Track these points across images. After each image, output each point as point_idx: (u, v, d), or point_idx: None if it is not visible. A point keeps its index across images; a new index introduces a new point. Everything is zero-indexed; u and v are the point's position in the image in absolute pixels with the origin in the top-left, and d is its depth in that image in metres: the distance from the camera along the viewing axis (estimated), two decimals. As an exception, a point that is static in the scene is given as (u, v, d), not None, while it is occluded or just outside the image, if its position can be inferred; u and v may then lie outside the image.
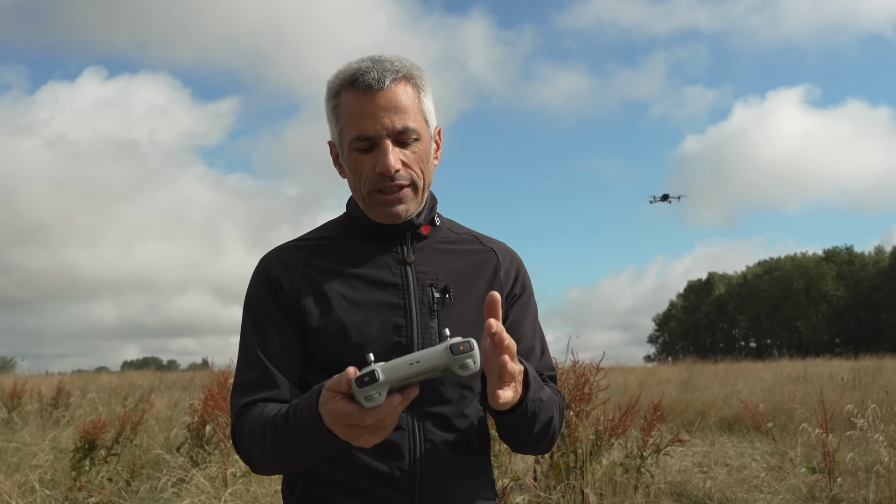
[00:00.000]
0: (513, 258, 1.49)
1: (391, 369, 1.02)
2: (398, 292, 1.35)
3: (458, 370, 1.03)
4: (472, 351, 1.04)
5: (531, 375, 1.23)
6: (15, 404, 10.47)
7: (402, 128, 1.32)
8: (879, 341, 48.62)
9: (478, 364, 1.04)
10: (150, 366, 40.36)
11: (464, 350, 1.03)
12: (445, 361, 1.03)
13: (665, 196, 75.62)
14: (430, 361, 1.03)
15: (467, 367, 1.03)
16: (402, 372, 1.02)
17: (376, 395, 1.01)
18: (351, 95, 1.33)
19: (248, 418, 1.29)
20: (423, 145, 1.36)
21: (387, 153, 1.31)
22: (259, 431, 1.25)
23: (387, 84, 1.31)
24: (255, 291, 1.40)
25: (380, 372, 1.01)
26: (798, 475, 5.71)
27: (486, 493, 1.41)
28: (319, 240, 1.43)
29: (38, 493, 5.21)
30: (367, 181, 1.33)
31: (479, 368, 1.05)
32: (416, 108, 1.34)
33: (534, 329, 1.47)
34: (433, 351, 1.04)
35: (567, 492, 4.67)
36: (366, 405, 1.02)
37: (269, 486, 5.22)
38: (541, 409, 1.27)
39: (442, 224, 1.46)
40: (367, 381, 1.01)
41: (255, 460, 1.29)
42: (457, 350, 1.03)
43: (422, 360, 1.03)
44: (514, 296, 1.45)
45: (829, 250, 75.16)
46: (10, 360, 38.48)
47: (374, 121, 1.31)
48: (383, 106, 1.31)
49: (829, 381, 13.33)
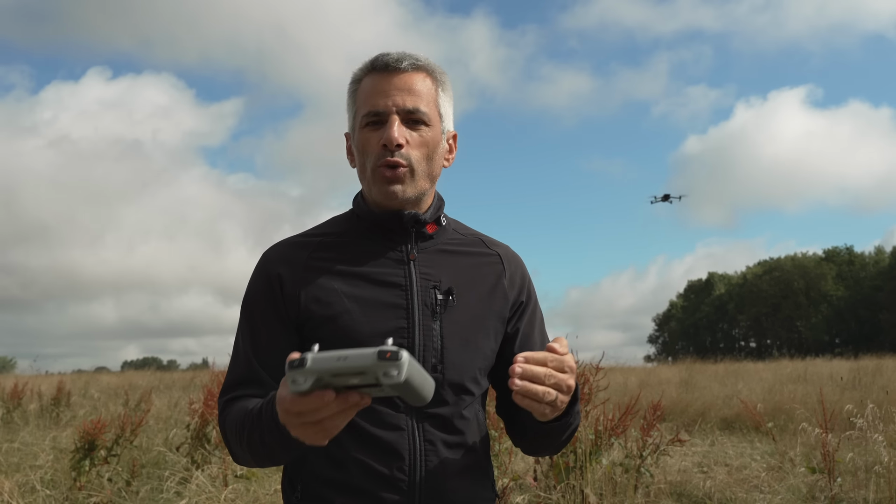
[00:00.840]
0: (517, 264, 1.49)
1: (319, 359, 0.99)
2: (401, 293, 1.34)
3: (382, 377, 0.97)
4: (399, 361, 0.96)
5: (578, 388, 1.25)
6: (15, 404, 10.47)
7: (413, 107, 1.33)
8: (879, 341, 48.56)
9: (402, 376, 0.96)
10: (150, 366, 40.31)
11: (390, 358, 0.96)
12: (370, 364, 0.97)
13: (666, 196, 75.64)
14: (356, 361, 0.98)
15: (390, 377, 0.96)
16: (328, 364, 0.98)
17: (301, 381, 0.99)
18: (369, 78, 1.36)
19: (230, 412, 1.31)
20: (432, 134, 1.36)
21: (392, 125, 1.32)
22: (238, 424, 1.26)
23: (404, 66, 1.34)
24: (254, 290, 1.39)
25: (308, 359, 0.99)
26: (798, 475, 5.71)
27: (487, 493, 1.41)
28: (324, 236, 1.42)
29: (40, 493, 5.21)
30: (373, 156, 1.34)
31: (402, 381, 0.97)
32: (430, 98, 1.36)
33: (542, 339, 1.48)
34: (362, 352, 0.99)
35: (567, 492, 4.68)
36: (291, 388, 1.00)
37: (269, 485, 5.22)
38: (576, 419, 1.31)
39: (448, 225, 1.46)
40: (296, 365, 0.99)
41: (237, 453, 1.31)
42: (383, 356, 0.97)
43: (349, 357, 0.98)
44: (521, 304, 1.45)
45: (829, 250, 75.15)
46: (11, 360, 38.46)
47: (387, 97, 1.33)
48: (398, 86, 1.33)
49: (828, 381, 13.32)
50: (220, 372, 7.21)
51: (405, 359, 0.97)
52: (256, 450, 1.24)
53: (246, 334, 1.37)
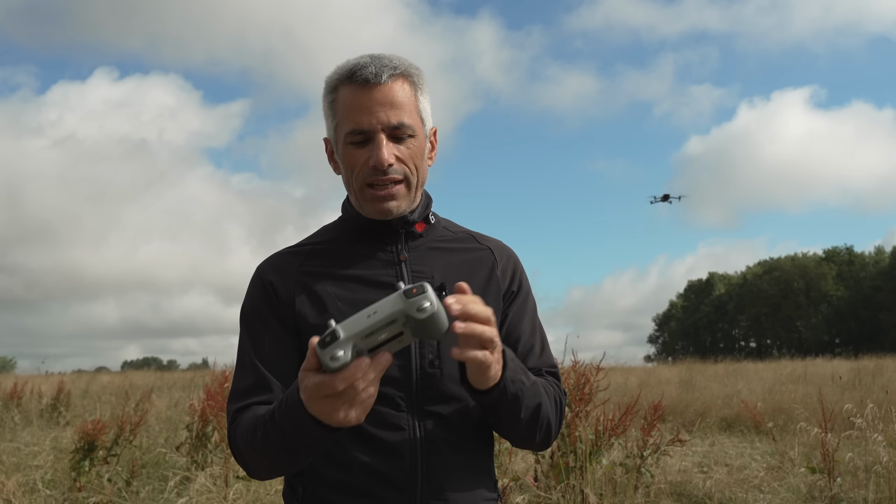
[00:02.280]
0: (509, 256, 1.49)
1: (350, 324, 1.00)
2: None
3: (416, 313, 0.99)
4: (426, 293, 1.00)
5: (508, 356, 1.23)
6: (15, 404, 10.48)
7: (398, 123, 1.32)
8: (879, 341, 48.53)
9: (434, 304, 1.00)
10: (151, 366, 40.39)
11: (417, 293, 1.00)
12: (402, 307, 1.00)
13: (665, 196, 75.66)
14: (387, 308, 1.00)
15: (424, 309, 0.99)
16: (362, 324, 0.99)
17: (341, 354, 0.99)
18: (348, 90, 1.34)
19: (241, 421, 1.30)
20: (418, 142, 1.37)
21: (381, 147, 1.31)
22: (251, 431, 1.25)
23: (384, 79, 1.32)
24: (251, 299, 1.40)
25: (339, 329, 0.99)
26: (798, 475, 5.72)
27: (489, 492, 1.40)
28: (314, 244, 1.44)
29: (40, 492, 5.21)
30: (360, 175, 1.34)
31: (437, 309, 1.01)
32: (412, 106, 1.35)
33: (532, 326, 1.47)
34: (388, 299, 1.01)
35: (567, 492, 4.67)
36: (332, 366, 0.99)
37: (269, 486, 5.22)
38: (523, 392, 1.26)
39: (437, 223, 1.46)
40: (329, 340, 0.99)
41: (249, 463, 1.29)
42: (410, 294, 1.00)
43: (378, 309, 1.00)
44: (512, 293, 1.45)
45: (829, 250, 75.14)
46: (11, 360, 38.46)
47: (370, 115, 1.32)
48: (380, 101, 1.32)
49: (828, 380, 13.32)
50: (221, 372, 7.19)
51: (429, 288, 1.00)
52: (275, 456, 1.22)
53: (248, 342, 1.37)
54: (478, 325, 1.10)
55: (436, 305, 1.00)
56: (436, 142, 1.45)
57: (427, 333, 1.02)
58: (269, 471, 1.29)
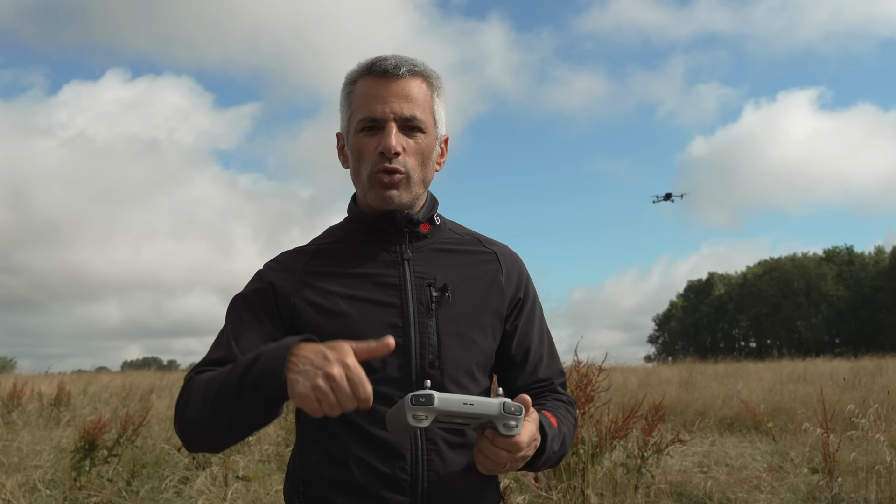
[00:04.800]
0: (514, 262, 1.49)
1: (446, 400, 1.05)
2: (395, 291, 1.36)
3: (502, 428, 1.08)
4: (520, 416, 1.09)
5: (545, 426, 1.27)
6: (15, 404, 10.47)
7: (410, 115, 1.35)
8: (879, 341, 48.56)
9: (519, 428, 1.09)
10: (151, 366, 40.40)
11: (514, 412, 1.08)
12: (495, 415, 1.07)
13: (668, 195, 75.69)
14: (483, 409, 1.07)
15: (510, 427, 1.08)
16: (455, 406, 1.06)
17: (422, 416, 1.05)
18: (366, 81, 1.37)
19: (204, 374, 1.27)
20: (428, 140, 1.38)
21: (390, 134, 1.33)
22: (213, 378, 1.22)
23: (402, 72, 1.35)
24: (246, 290, 1.41)
25: (437, 398, 1.05)
26: (799, 475, 5.71)
27: (491, 493, 1.40)
28: (319, 244, 1.45)
29: (41, 492, 5.21)
30: (369, 162, 1.35)
31: (518, 430, 1.10)
32: (426, 104, 1.37)
33: (541, 336, 1.48)
34: (487, 401, 1.08)
35: (567, 492, 4.67)
36: (411, 423, 1.05)
37: (270, 486, 5.22)
38: (551, 458, 1.32)
39: (443, 224, 1.47)
40: (423, 402, 1.04)
41: (188, 417, 1.23)
42: (508, 409, 1.08)
43: (475, 404, 1.07)
44: (518, 300, 1.45)
45: (830, 250, 75.14)
46: (11, 360, 38.47)
47: (384, 104, 1.34)
48: (395, 92, 1.34)
49: (829, 380, 13.32)
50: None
51: (523, 411, 1.10)
52: (222, 407, 1.17)
53: (230, 326, 1.37)
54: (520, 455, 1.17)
55: (518, 429, 1.10)
56: (446, 150, 1.47)
57: (496, 436, 1.13)
58: (205, 432, 1.23)
